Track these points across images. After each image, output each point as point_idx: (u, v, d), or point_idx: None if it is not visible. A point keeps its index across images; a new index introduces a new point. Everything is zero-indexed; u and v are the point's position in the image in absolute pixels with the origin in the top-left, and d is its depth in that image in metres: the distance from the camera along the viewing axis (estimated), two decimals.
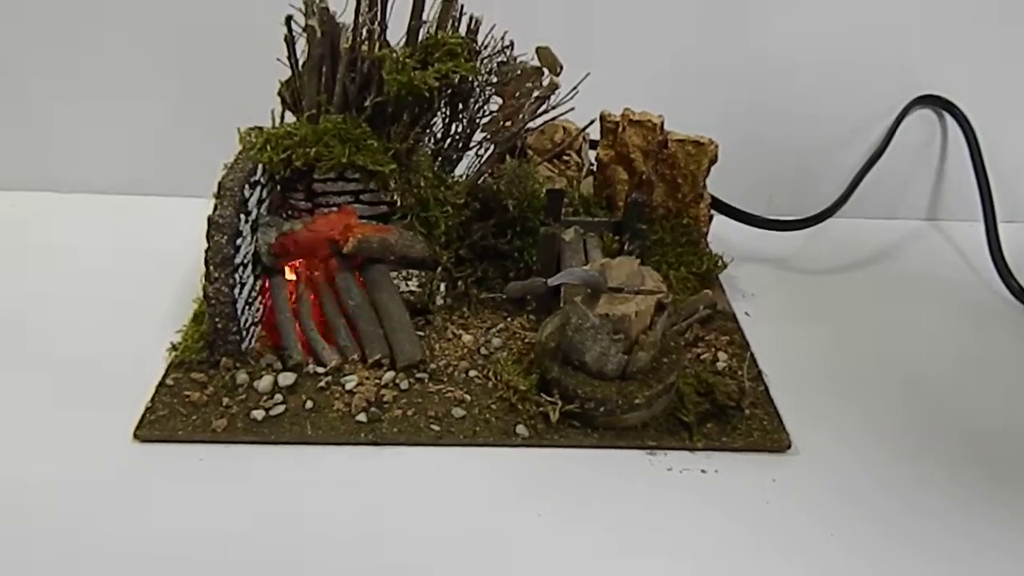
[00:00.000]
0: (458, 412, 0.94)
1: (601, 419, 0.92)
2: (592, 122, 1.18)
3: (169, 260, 1.19)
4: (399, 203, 1.04)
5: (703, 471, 0.89)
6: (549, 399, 0.93)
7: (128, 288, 1.15)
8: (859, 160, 1.37)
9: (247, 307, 1.00)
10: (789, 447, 0.92)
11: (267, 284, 1.05)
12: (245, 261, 0.98)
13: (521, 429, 0.92)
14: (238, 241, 0.95)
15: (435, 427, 0.91)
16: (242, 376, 0.96)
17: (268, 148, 1.01)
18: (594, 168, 1.24)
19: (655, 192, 1.18)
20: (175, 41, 1.31)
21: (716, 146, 1.13)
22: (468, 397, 0.96)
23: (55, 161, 1.40)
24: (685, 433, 0.92)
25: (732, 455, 0.91)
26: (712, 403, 0.95)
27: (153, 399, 0.93)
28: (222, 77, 1.32)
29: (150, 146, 1.38)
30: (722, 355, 1.05)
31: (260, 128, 1.05)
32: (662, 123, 1.14)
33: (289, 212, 1.08)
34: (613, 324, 0.87)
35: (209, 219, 0.94)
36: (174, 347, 1.00)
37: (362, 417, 0.92)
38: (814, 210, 1.27)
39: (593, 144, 1.25)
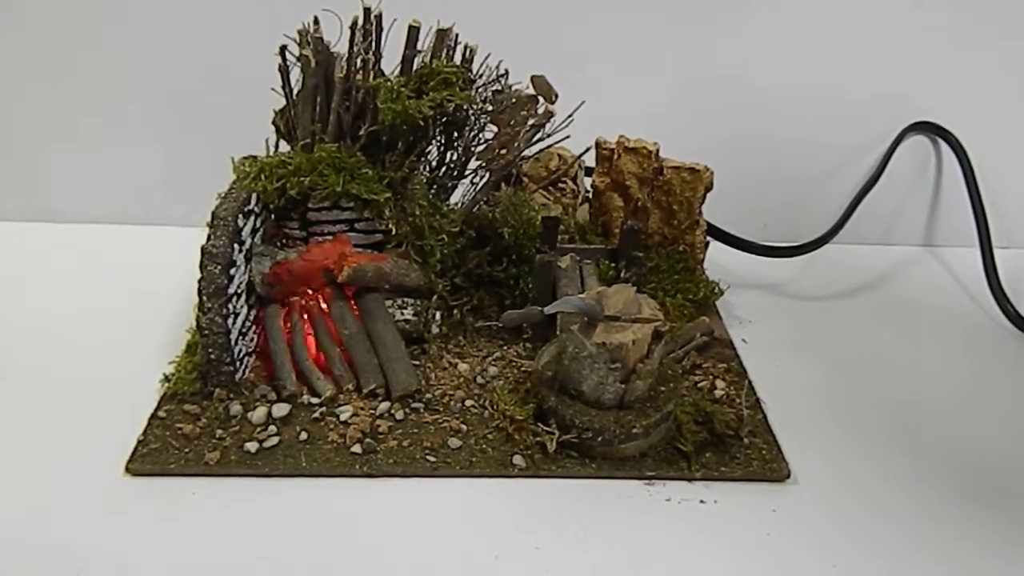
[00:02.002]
0: (454, 442, 0.93)
1: (599, 449, 0.91)
2: (588, 150, 1.17)
3: (162, 290, 1.18)
4: (394, 231, 1.03)
5: (702, 501, 0.88)
6: (546, 429, 0.92)
7: (120, 318, 1.14)
8: (854, 186, 1.37)
9: (241, 337, 0.99)
10: (788, 476, 0.91)
11: (261, 314, 1.04)
12: (239, 291, 0.98)
13: (518, 459, 0.91)
14: (232, 271, 0.95)
15: (431, 458, 0.90)
16: (236, 407, 0.95)
17: (262, 177, 1.01)
18: (590, 195, 1.23)
19: (651, 219, 1.18)
20: (170, 70, 1.31)
21: (711, 173, 1.13)
22: (464, 427, 0.95)
23: (47, 190, 1.39)
24: (683, 463, 0.91)
25: (731, 485, 0.90)
26: (710, 432, 0.94)
27: (145, 431, 0.92)
28: (216, 106, 1.32)
29: (143, 175, 1.37)
30: (720, 383, 1.04)
31: (254, 157, 1.05)
32: (657, 150, 1.14)
33: (284, 241, 1.07)
34: (610, 353, 0.87)
35: (202, 249, 0.93)
36: (167, 378, 0.99)
37: (357, 448, 0.91)
38: (810, 236, 1.27)
39: (588, 171, 1.24)
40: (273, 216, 1.06)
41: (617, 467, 0.90)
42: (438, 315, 1.07)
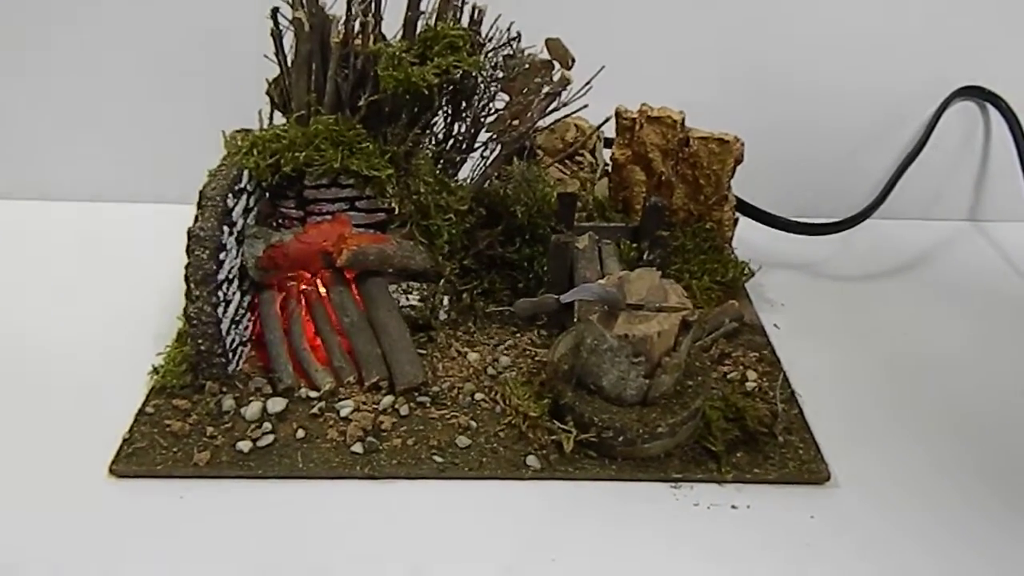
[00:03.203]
0: (463, 441, 0.86)
1: (620, 449, 0.83)
2: (607, 120, 1.11)
3: (155, 273, 1.11)
4: (397, 211, 0.96)
5: (734, 507, 0.81)
6: (562, 427, 0.85)
7: (107, 304, 1.08)
8: (896, 157, 1.30)
9: (233, 326, 0.92)
10: (828, 479, 0.84)
11: (256, 300, 0.97)
12: (230, 276, 0.91)
13: (532, 460, 0.84)
14: (221, 256, 0.87)
15: (438, 458, 0.84)
16: (228, 402, 0.89)
17: (254, 153, 0.93)
18: (609, 169, 1.17)
19: (675, 194, 1.11)
20: (157, 37, 1.23)
21: (742, 144, 1.06)
22: (474, 424, 0.88)
23: (28, 166, 1.32)
24: (713, 464, 0.84)
25: (765, 488, 0.83)
26: (742, 429, 0.87)
27: (131, 429, 0.86)
28: (207, 75, 1.24)
29: (131, 149, 1.31)
30: (751, 374, 0.97)
31: (247, 131, 0.98)
32: (683, 120, 1.07)
33: (279, 221, 1.00)
34: (633, 346, 0.79)
35: (189, 232, 0.86)
36: (155, 370, 0.93)
37: (358, 448, 0.84)
38: (847, 212, 1.19)
39: (608, 143, 1.18)
40: (267, 195, 0.98)
41: (640, 468, 0.83)
42: (446, 300, 1.00)
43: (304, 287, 0.98)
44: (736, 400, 0.89)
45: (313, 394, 0.91)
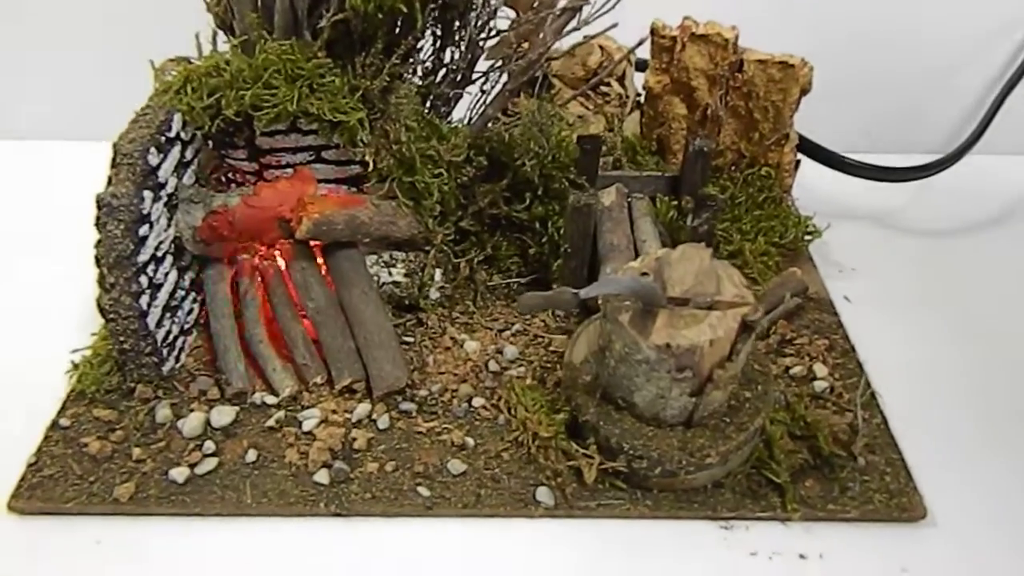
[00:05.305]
0: (456, 466, 0.71)
1: (656, 480, 0.65)
2: (642, 41, 0.95)
3: (84, 226, 0.91)
4: (372, 165, 0.76)
5: (802, 556, 0.66)
6: (583, 450, 0.67)
7: (19, 274, 0.91)
8: (988, 85, 1.13)
9: (168, 315, 0.74)
10: (924, 516, 0.68)
11: (201, 277, 0.79)
12: (158, 254, 0.72)
13: (543, 494, 0.69)
14: (142, 229, 0.69)
15: (423, 490, 0.69)
16: (163, 412, 0.74)
17: (188, 91, 0.76)
18: (641, 101, 1.02)
19: (723, 132, 0.96)
20: None
21: (810, 68, 0.91)
22: (471, 441, 0.73)
23: None
24: (775, 497, 0.69)
25: (843, 529, 0.67)
26: (812, 451, 0.69)
27: (38, 451, 0.72)
28: None
29: (55, 81, 1.14)
30: (819, 367, 0.80)
31: (185, 60, 0.80)
32: (736, 38, 0.93)
33: (228, 176, 0.81)
34: (676, 359, 0.60)
35: (98, 200, 0.68)
36: (75, 367, 0.75)
37: (323, 476, 0.70)
38: (930, 151, 1.03)
39: (641, 67, 1.03)
40: (209, 143, 0.79)
41: (682, 504, 0.68)
42: (438, 274, 0.84)
43: (259, 261, 0.79)
44: (803, 411, 0.71)
45: (270, 400, 0.75)
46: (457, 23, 0.82)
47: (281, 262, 0.80)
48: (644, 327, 0.61)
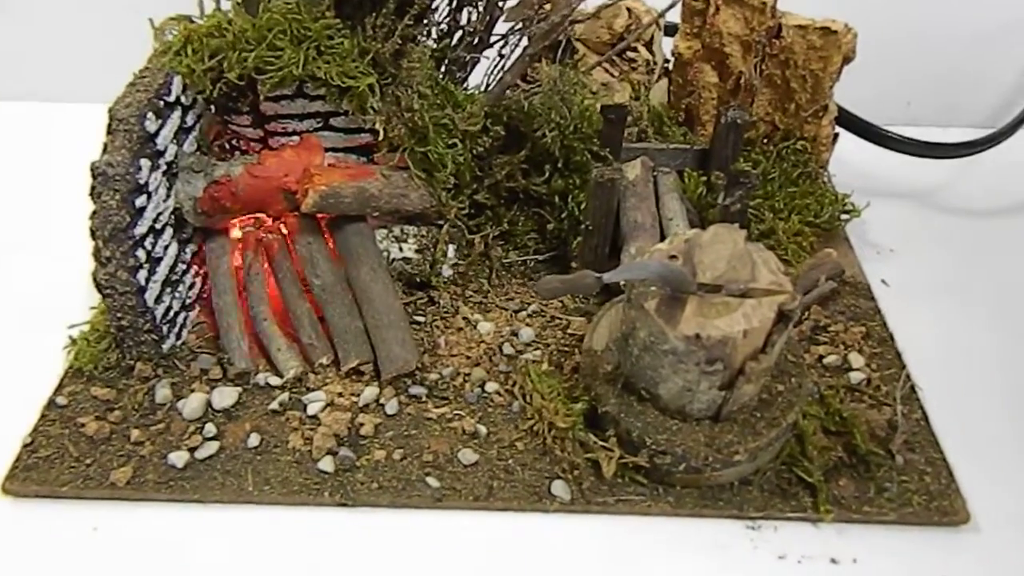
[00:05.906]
0: (468, 455, 0.67)
1: (680, 476, 0.62)
2: (673, 3, 0.91)
3: (82, 194, 0.88)
4: (382, 134, 0.71)
5: (833, 560, 0.62)
6: (602, 442, 0.63)
7: (16, 245, 0.87)
8: None
9: (168, 290, 0.71)
10: (967, 520, 0.64)
11: (204, 249, 0.75)
12: (157, 226, 0.69)
13: (559, 488, 0.66)
14: (139, 200, 0.66)
15: (433, 480, 0.66)
16: (163, 391, 0.71)
17: (188, 52, 0.72)
18: (670, 67, 0.98)
19: (757, 102, 0.92)
20: None
21: (854, 35, 0.85)
22: (483, 429, 0.69)
23: None
24: (806, 496, 0.65)
25: (879, 533, 0.64)
26: (847, 448, 0.66)
27: (34, 431, 0.69)
28: None
29: (50, 41, 1.10)
30: (856, 357, 0.75)
31: (187, 18, 0.76)
32: (774, 2, 0.88)
33: (233, 143, 0.77)
34: (707, 351, 0.55)
35: (92, 168, 0.64)
36: (73, 342, 0.72)
37: (327, 464, 0.66)
38: (976, 125, 0.98)
39: (670, 32, 0.98)
40: (212, 108, 0.74)
41: (706, 502, 0.65)
42: (451, 250, 0.80)
43: (266, 234, 0.75)
44: (838, 405, 0.66)
45: (274, 381, 0.72)
46: None
47: (287, 236, 0.76)
48: (672, 315, 0.57)
